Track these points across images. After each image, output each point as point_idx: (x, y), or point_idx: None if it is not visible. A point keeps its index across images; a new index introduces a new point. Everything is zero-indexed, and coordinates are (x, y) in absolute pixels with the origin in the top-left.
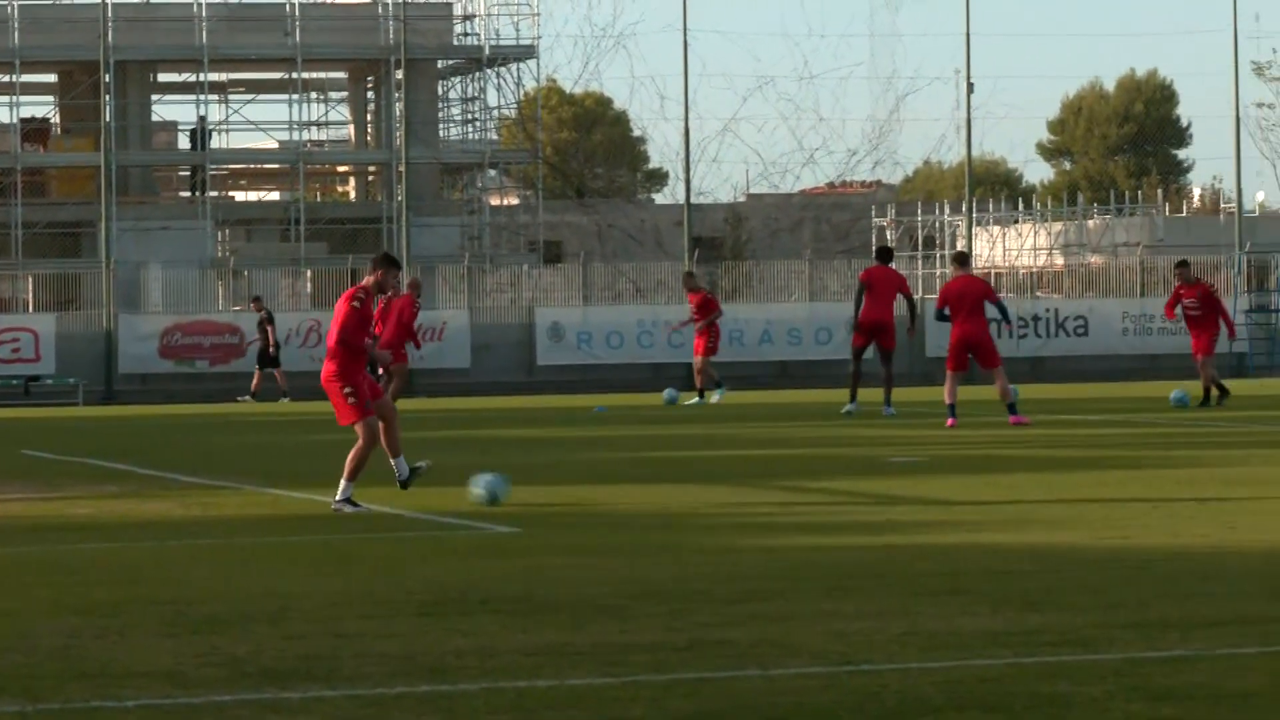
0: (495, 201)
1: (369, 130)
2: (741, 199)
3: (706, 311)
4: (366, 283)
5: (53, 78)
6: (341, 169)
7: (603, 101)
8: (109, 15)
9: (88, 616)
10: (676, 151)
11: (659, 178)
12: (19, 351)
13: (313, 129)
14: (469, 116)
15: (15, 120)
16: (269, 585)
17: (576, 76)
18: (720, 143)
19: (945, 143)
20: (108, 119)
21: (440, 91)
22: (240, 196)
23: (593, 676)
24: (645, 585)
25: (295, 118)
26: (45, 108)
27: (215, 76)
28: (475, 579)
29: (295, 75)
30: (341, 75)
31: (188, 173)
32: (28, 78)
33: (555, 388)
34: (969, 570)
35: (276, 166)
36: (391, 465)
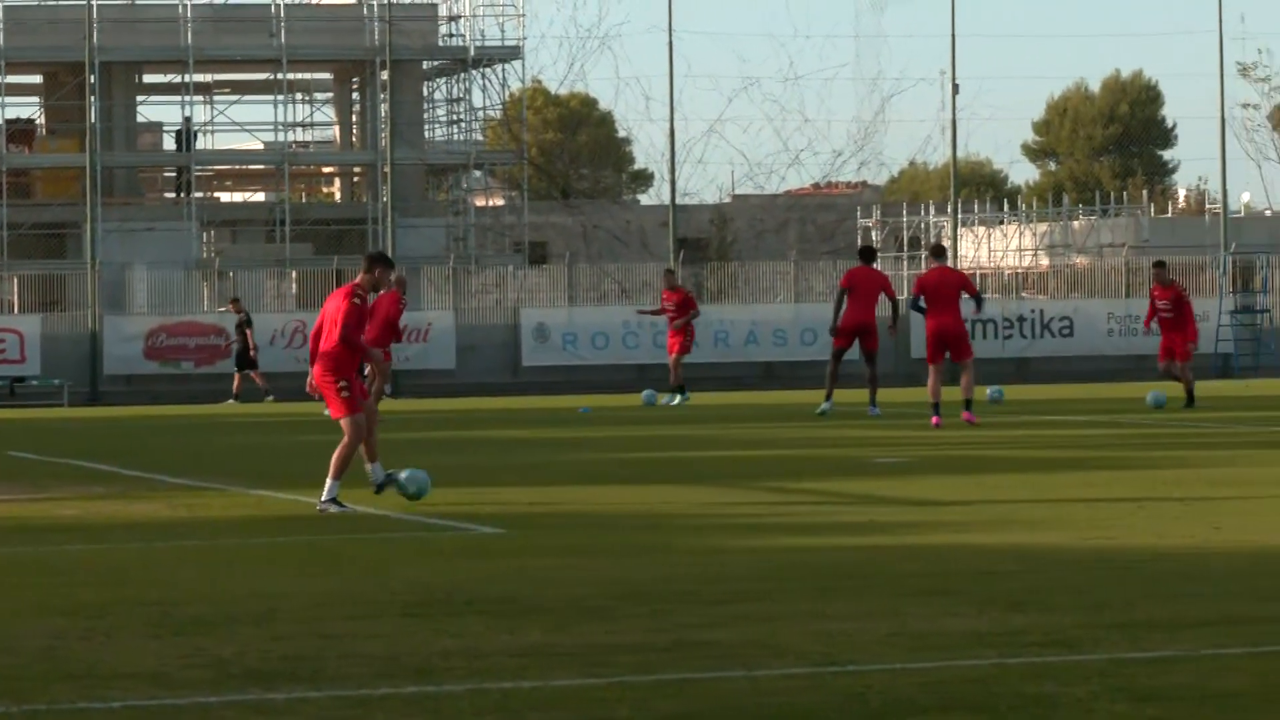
0: (480, 202)
1: (354, 131)
2: (727, 200)
3: (684, 311)
4: (361, 281)
5: (38, 79)
6: (327, 170)
7: (588, 102)
8: (94, 16)
9: (73, 618)
10: (662, 152)
11: (644, 179)
12: (4, 353)
13: (298, 130)
14: (454, 117)
15: (0, 121)
16: (254, 586)
17: (562, 77)
18: (705, 144)
19: (930, 144)
20: (93, 120)
21: (425, 92)
22: (225, 197)
23: (578, 677)
24: (630, 586)
25: (280, 119)
26: (30, 109)
27: (200, 77)
28: (461, 580)
29: (280, 76)
30: (326, 76)
31: (173, 174)
32: (12, 79)
33: (540, 388)
34: (954, 571)
35: (261, 167)
36: (366, 470)
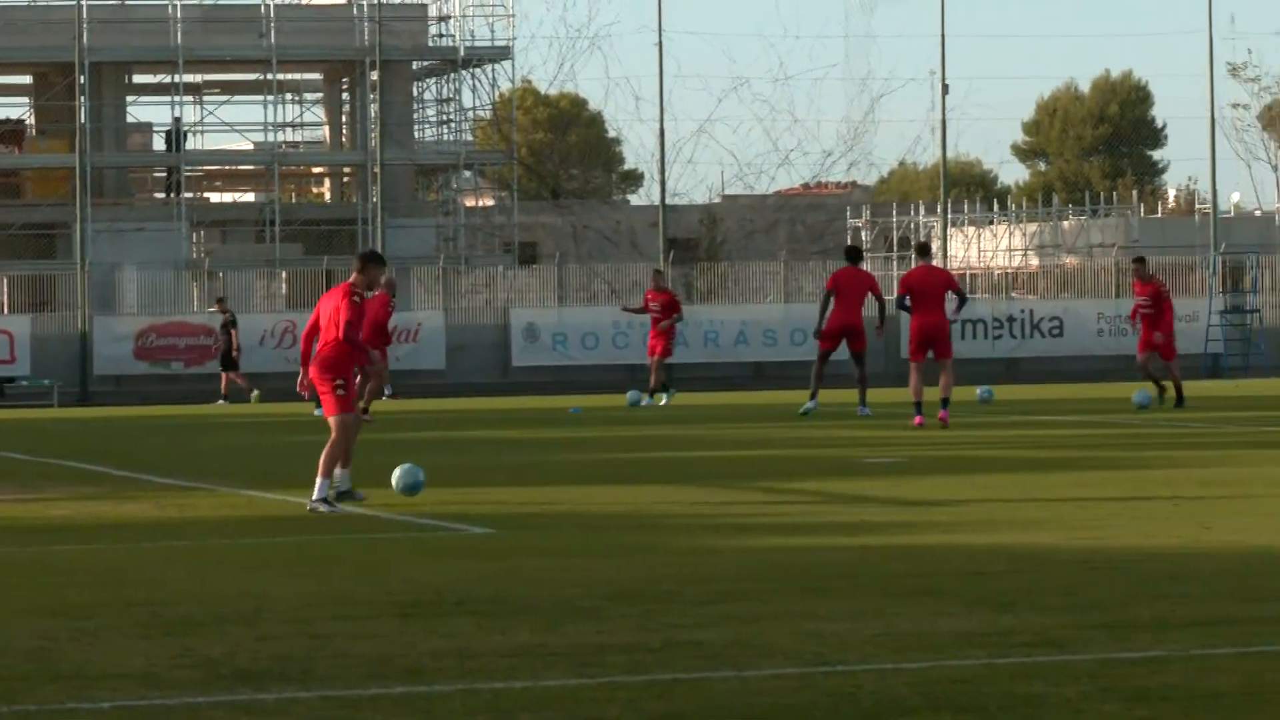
0: (470, 203)
1: (344, 131)
2: (717, 200)
3: (669, 313)
4: (356, 280)
5: (28, 79)
6: (316, 170)
7: (578, 103)
8: (84, 17)
9: (63, 618)
10: (651, 153)
11: (634, 179)
12: None
13: (288, 130)
14: (444, 118)
15: None
16: (244, 586)
17: (551, 78)
18: (695, 144)
19: (920, 144)
20: (83, 120)
21: (415, 93)
22: (215, 198)
23: (568, 677)
24: (620, 586)
25: (270, 119)
26: (20, 109)
27: (190, 78)
28: (451, 580)
29: (270, 76)
30: (316, 76)
31: (163, 174)
32: (2, 79)
33: (530, 389)
34: (944, 571)
35: (251, 168)
36: (335, 473)
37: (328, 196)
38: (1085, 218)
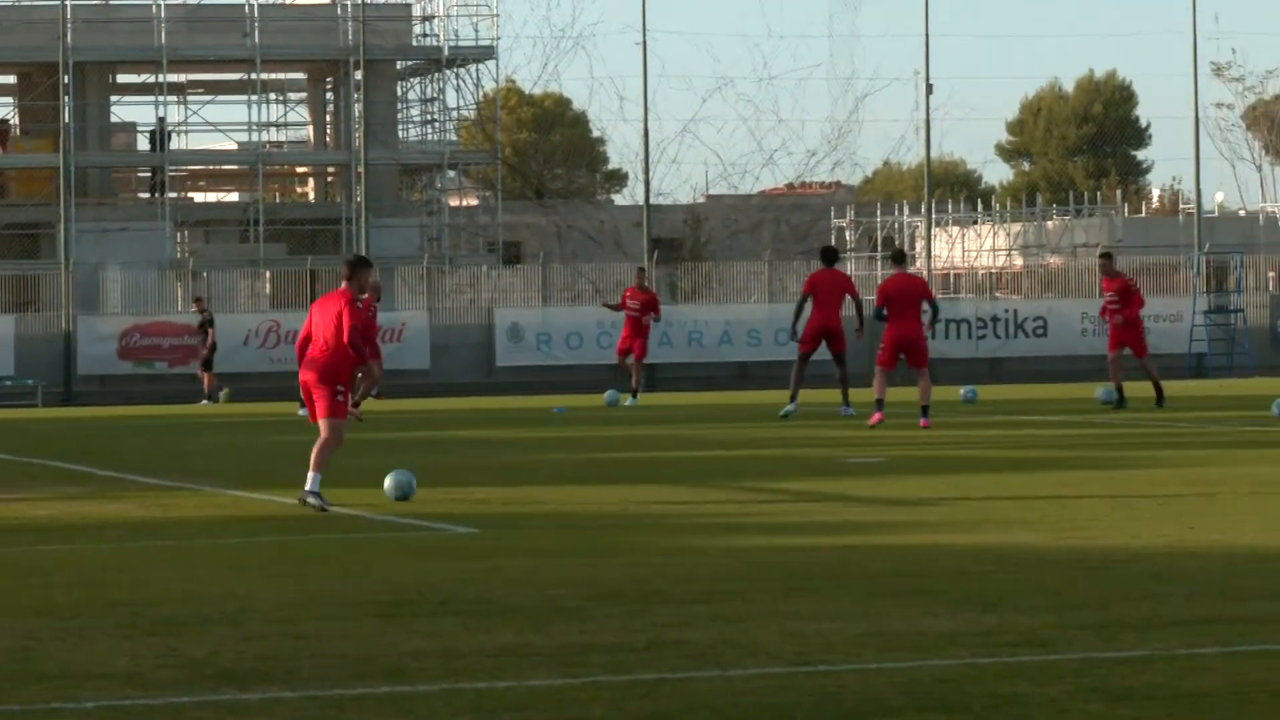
0: (454, 202)
1: (328, 131)
2: (701, 200)
3: (647, 311)
4: (348, 286)
5: (12, 79)
6: (300, 170)
7: (562, 102)
8: (68, 16)
9: (47, 618)
10: (636, 152)
11: (618, 179)
12: None
13: (272, 130)
14: (428, 117)
15: None
16: (227, 586)
17: (535, 77)
18: (679, 144)
19: (904, 144)
20: (67, 120)
21: (399, 92)
22: (199, 198)
23: (552, 677)
24: (604, 586)
25: (254, 119)
26: (4, 109)
27: (174, 78)
28: (434, 580)
29: (254, 76)
30: (300, 76)
31: (147, 174)
32: None
33: (515, 388)
34: (928, 571)
35: (235, 167)
36: (308, 476)
37: (312, 196)
38: (1069, 218)
